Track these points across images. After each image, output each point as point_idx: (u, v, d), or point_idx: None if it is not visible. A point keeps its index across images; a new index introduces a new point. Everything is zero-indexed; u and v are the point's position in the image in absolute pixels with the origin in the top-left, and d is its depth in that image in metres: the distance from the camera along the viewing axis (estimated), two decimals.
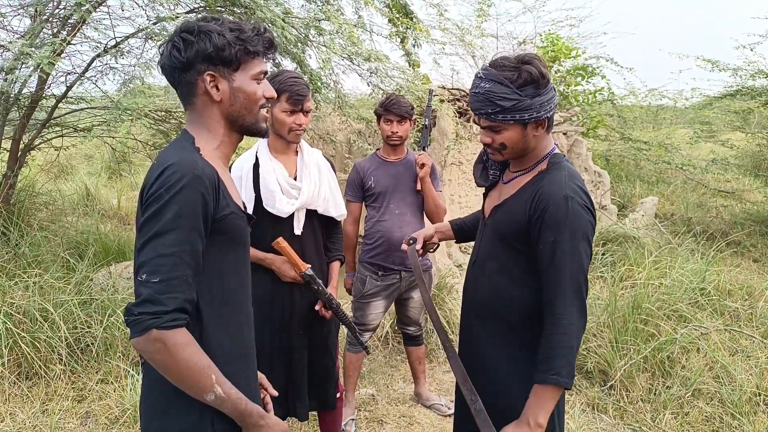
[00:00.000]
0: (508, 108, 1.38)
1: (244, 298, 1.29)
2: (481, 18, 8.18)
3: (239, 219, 1.24)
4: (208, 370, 1.10)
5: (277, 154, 2.06)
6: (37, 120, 4.47)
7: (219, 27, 1.18)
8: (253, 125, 1.26)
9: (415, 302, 2.85)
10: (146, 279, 1.05)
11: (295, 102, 1.95)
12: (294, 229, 2.05)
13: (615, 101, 8.64)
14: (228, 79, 1.20)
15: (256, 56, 1.23)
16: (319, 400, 2.20)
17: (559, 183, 1.40)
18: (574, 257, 1.36)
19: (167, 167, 1.10)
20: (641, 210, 6.51)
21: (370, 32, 4.60)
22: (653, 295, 3.62)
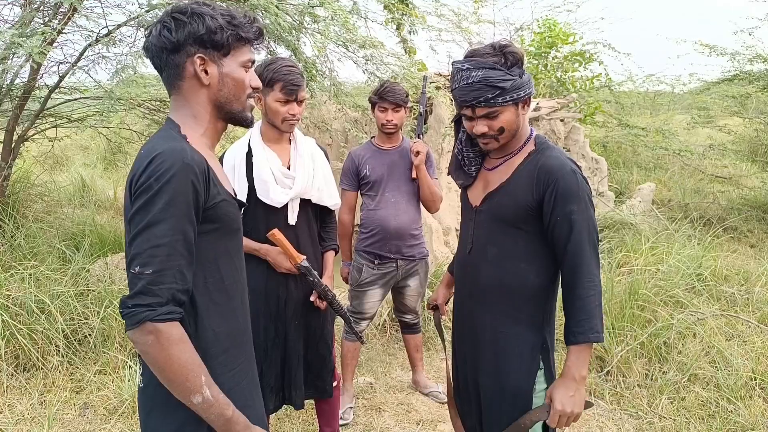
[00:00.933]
0: (508, 89, 1.43)
1: (239, 285, 1.28)
2: (478, 4, 8.12)
3: (231, 206, 1.22)
4: (199, 369, 1.08)
5: (270, 144, 2.03)
6: (30, 110, 4.43)
7: (212, 11, 1.17)
8: (240, 113, 1.25)
9: (412, 290, 2.85)
10: (139, 271, 1.04)
11: (289, 92, 1.93)
12: (288, 218, 2.03)
13: (612, 87, 8.62)
14: (217, 64, 1.19)
15: (246, 43, 1.22)
16: (316, 388, 2.20)
17: (560, 158, 1.48)
18: (589, 223, 1.45)
19: (155, 156, 1.08)
20: (638, 196, 6.51)
21: (366, 19, 4.56)
22: (650, 281, 3.63)
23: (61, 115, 4.75)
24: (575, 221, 1.43)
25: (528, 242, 1.51)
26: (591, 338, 1.42)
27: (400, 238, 2.70)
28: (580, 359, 1.44)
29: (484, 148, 1.55)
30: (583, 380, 1.45)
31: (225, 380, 1.19)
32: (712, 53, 6.87)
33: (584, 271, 1.43)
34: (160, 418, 1.18)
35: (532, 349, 1.54)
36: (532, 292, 1.53)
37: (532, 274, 1.52)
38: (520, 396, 1.54)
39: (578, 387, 1.44)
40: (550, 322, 1.58)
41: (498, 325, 1.57)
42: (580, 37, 8.18)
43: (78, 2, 3.15)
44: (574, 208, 1.43)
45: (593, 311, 1.43)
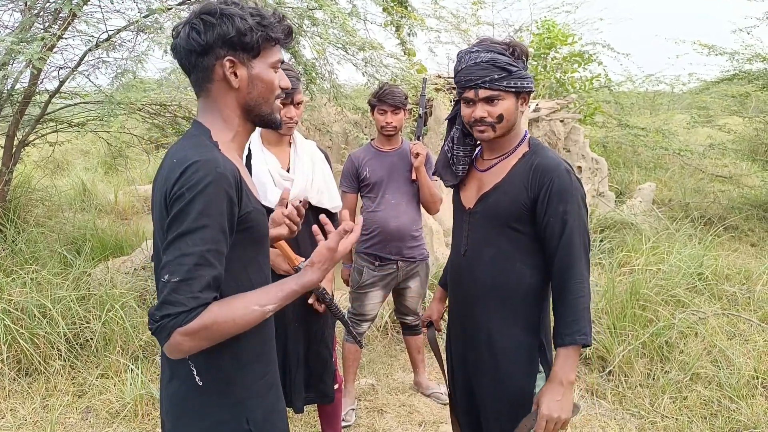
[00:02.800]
0: (514, 73, 1.45)
1: None
2: (477, 6, 8.14)
3: (260, 214, 1.22)
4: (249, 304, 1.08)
5: (269, 146, 2.04)
6: (30, 115, 4.45)
7: (241, 11, 1.13)
8: (269, 115, 1.22)
9: (413, 292, 2.85)
10: (168, 279, 1.03)
11: (285, 95, 1.93)
12: None
13: (612, 87, 8.62)
14: (247, 66, 1.16)
15: (276, 44, 1.19)
16: (317, 392, 2.20)
17: (555, 158, 1.49)
18: (581, 223, 1.45)
19: (189, 165, 1.06)
20: (639, 196, 6.51)
21: (365, 21, 4.57)
22: (651, 281, 3.62)
23: (62, 119, 4.76)
24: (567, 221, 1.44)
25: (523, 242, 1.52)
26: (578, 340, 1.41)
27: (400, 240, 2.70)
28: (567, 363, 1.42)
29: (479, 137, 1.53)
30: (571, 385, 1.43)
31: (258, 387, 1.20)
32: (711, 53, 6.88)
33: (574, 271, 1.43)
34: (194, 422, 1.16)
35: (530, 350, 1.54)
36: (528, 293, 1.54)
37: (528, 275, 1.53)
38: (522, 398, 1.53)
39: (565, 391, 1.41)
40: (545, 323, 1.58)
41: (495, 326, 1.56)
42: (579, 37, 8.19)
43: (77, 8, 3.17)
44: (567, 208, 1.44)
45: (581, 313, 1.42)
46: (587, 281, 1.44)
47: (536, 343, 1.54)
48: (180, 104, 4.92)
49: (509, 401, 1.55)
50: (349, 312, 2.85)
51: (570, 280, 1.43)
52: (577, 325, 1.41)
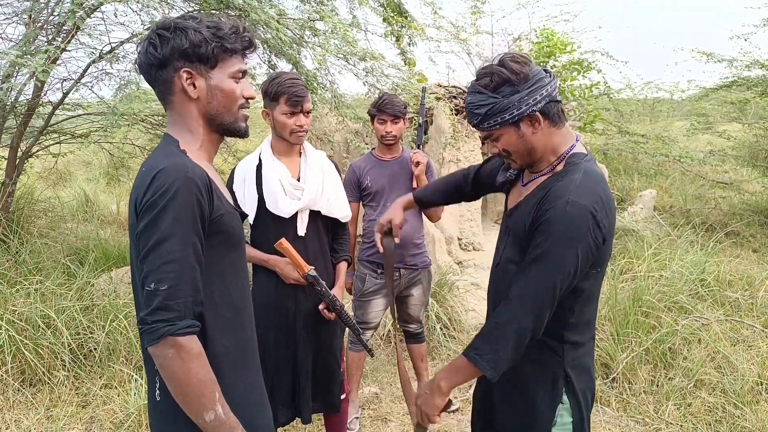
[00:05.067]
0: (486, 114, 1.35)
1: (244, 298, 1.29)
2: (476, 15, 8.20)
3: (233, 217, 1.24)
4: (213, 386, 1.10)
5: (280, 156, 2.06)
6: (34, 127, 4.48)
7: (196, 24, 1.17)
8: (232, 125, 1.24)
9: (415, 300, 2.86)
10: (155, 288, 1.05)
11: (294, 103, 1.95)
12: (297, 230, 2.04)
13: (611, 95, 8.66)
14: (205, 77, 1.18)
15: (234, 54, 1.21)
16: (324, 402, 2.19)
17: (566, 187, 1.30)
18: (554, 261, 1.26)
19: (158, 173, 1.09)
20: (640, 203, 6.52)
21: (365, 32, 4.62)
22: (654, 288, 3.63)
23: (65, 131, 4.80)
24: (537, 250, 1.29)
25: None
26: (468, 355, 1.33)
27: (402, 248, 2.71)
28: (451, 370, 1.39)
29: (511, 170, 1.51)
30: (441, 390, 1.39)
31: (235, 394, 1.19)
32: (709, 60, 6.92)
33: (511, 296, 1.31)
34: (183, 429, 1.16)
35: (554, 378, 1.41)
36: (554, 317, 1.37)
37: None
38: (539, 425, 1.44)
39: (434, 392, 1.40)
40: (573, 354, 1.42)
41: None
42: (578, 46, 8.23)
43: (81, 20, 3.20)
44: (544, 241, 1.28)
45: (489, 336, 1.32)
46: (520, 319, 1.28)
47: (560, 372, 1.40)
48: None
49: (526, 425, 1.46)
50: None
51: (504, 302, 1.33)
52: (478, 342, 1.34)
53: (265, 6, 3.60)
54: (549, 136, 1.38)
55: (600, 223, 1.27)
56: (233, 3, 3.39)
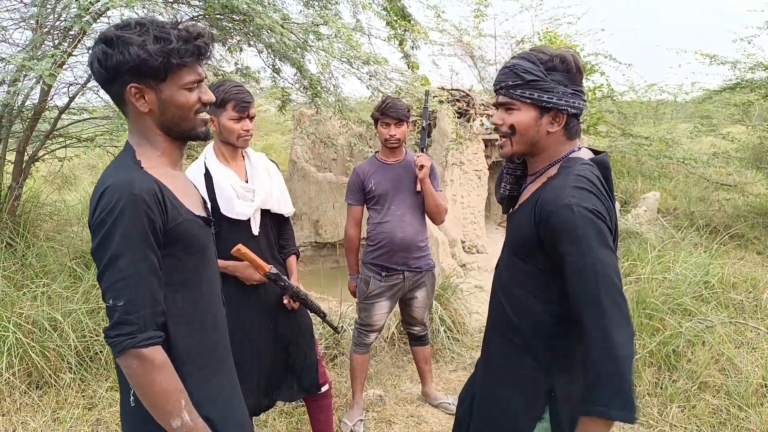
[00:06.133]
0: (529, 81, 1.30)
1: (212, 302, 1.30)
2: (479, 18, 8.22)
3: (194, 225, 1.24)
4: (179, 394, 1.14)
5: (226, 161, 2.11)
6: (40, 131, 4.51)
7: (140, 36, 1.12)
8: (191, 131, 1.24)
9: (419, 302, 2.87)
10: (113, 304, 1.09)
11: (242, 109, 2.02)
12: (252, 230, 2.11)
13: (615, 97, 8.66)
14: (155, 90, 1.17)
15: (185, 66, 1.18)
16: (302, 385, 2.26)
17: (560, 189, 1.25)
18: (597, 268, 1.18)
19: (105, 190, 1.12)
20: (644, 205, 6.52)
21: (369, 36, 4.64)
22: (657, 290, 3.63)
23: (71, 135, 4.83)
24: (570, 264, 1.21)
25: (535, 275, 1.34)
26: (595, 411, 1.15)
27: (406, 250, 2.73)
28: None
29: (500, 152, 1.45)
30: None
31: (200, 396, 1.22)
32: (712, 62, 6.92)
33: (590, 324, 1.18)
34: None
35: (536, 390, 1.35)
36: (542, 329, 1.35)
37: (540, 310, 1.35)
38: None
39: None
40: (565, 369, 1.35)
41: (504, 351, 1.45)
42: (581, 48, 8.24)
43: (87, 25, 3.23)
44: (569, 249, 1.21)
45: (601, 379, 1.15)
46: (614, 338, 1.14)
47: (546, 386, 1.34)
48: None
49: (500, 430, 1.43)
50: (356, 322, 2.87)
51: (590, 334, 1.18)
52: (595, 393, 1.16)
53: (269, 11, 3.63)
54: (558, 143, 1.36)
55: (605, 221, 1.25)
56: (238, 8, 3.42)
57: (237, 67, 4.28)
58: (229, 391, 1.34)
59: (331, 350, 3.48)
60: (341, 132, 6.42)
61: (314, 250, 6.91)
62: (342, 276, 3.59)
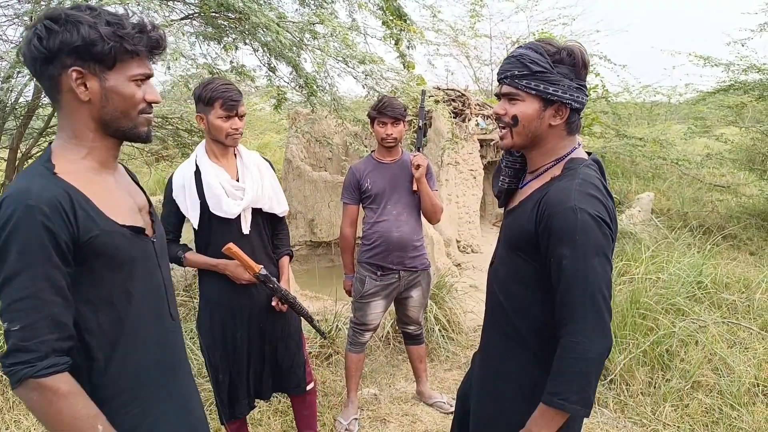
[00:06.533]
0: (536, 72, 1.28)
1: (147, 319, 1.18)
2: (475, 19, 8.24)
3: (117, 237, 1.10)
4: (94, 419, 1.02)
5: (216, 160, 2.10)
6: (33, 129, 4.49)
7: (92, 18, 1.03)
8: (131, 130, 1.13)
9: (415, 301, 2.87)
10: (8, 327, 0.98)
11: (230, 107, 2.00)
12: (242, 229, 2.10)
13: (609, 98, 8.70)
14: (99, 78, 1.06)
15: (137, 56, 1.09)
16: (289, 383, 2.27)
17: (567, 191, 1.25)
18: (588, 275, 1.20)
19: (2, 201, 1.01)
20: (638, 206, 6.55)
21: (365, 35, 4.63)
22: (651, 290, 3.65)
23: None
24: (566, 268, 1.22)
25: (533, 273, 1.34)
26: (554, 403, 1.22)
27: (402, 250, 2.73)
28: (541, 422, 1.26)
29: (499, 143, 1.44)
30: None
31: (122, 421, 1.11)
32: (706, 64, 6.96)
33: (571, 329, 1.22)
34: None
35: (534, 386, 1.35)
36: (539, 326, 1.36)
37: (538, 307, 1.35)
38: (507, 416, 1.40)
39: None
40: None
41: (501, 348, 1.46)
42: None
43: None
44: (565, 252, 1.22)
45: (569, 376, 1.21)
46: (590, 344, 1.20)
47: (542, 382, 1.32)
48: (182, 117, 4.97)
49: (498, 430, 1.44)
50: (351, 321, 2.87)
51: (565, 336, 1.23)
52: (559, 386, 1.22)
53: (264, 9, 3.62)
54: (559, 137, 1.35)
55: (609, 228, 1.26)
56: (233, 6, 3.41)
57: (232, 65, 4.27)
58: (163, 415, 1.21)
59: (326, 349, 3.48)
60: (337, 131, 6.42)
61: (309, 249, 6.90)
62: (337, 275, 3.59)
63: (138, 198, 1.25)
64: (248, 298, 2.14)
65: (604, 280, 1.22)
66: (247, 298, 2.14)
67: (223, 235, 2.04)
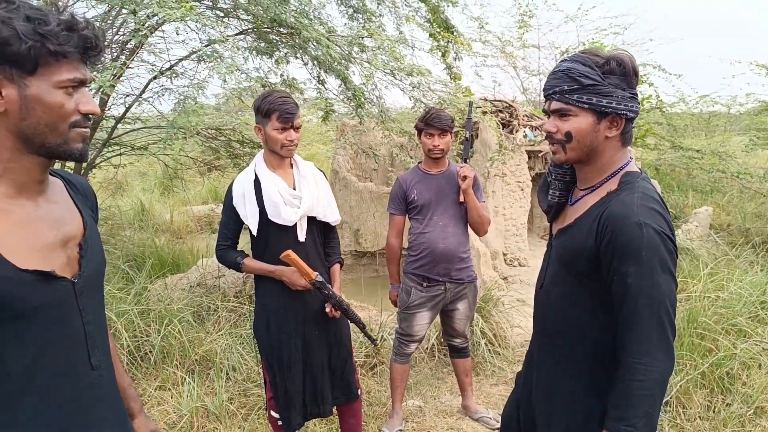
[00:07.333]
0: (587, 86, 1.25)
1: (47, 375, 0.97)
2: (523, 29, 8.17)
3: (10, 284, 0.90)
4: None
5: (274, 169, 2.17)
6: (97, 140, 4.74)
7: (6, 12, 0.87)
8: (60, 147, 0.95)
9: (461, 314, 2.85)
10: None
11: (285, 119, 2.06)
12: (298, 236, 2.16)
13: (664, 109, 8.41)
14: (18, 84, 0.89)
15: (64, 58, 0.91)
16: (342, 391, 2.32)
17: (630, 206, 1.21)
18: (653, 293, 1.17)
19: None
20: (695, 221, 6.28)
21: (412, 47, 4.67)
22: (710, 309, 3.48)
23: (126, 143, 5.05)
24: (631, 286, 1.18)
25: (591, 293, 1.30)
26: (621, 430, 1.18)
27: (448, 261, 2.72)
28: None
29: (552, 158, 1.41)
30: None
31: None
32: None
33: (633, 350, 1.18)
34: None
35: (589, 414, 1.31)
36: (597, 350, 1.31)
37: (594, 329, 1.31)
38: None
39: None
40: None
41: (554, 372, 1.41)
42: None
43: (144, 38, 3.39)
44: (630, 270, 1.18)
45: (634, 399, 1.17)
46: (655, 362, 1.17)
47: (598, 408, 1.29)
48: (234, 128, 5.14)
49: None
50: (397, 332, 2.87)
51: (629, 357, 1.19)
52: (624, 411, 1.18)
53: (315, 24, 3.72)
54: (614, 149, 1.31)
55: (673, 243, 1.23)
56: (285, 21, 3.52)
57: (283, 78, 4.39)
58: None
59: (371, 359, 3.49)
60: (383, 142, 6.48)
61: (354, 259, 6.95)
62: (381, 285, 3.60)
63: (67, 228, 1.04)
64: (303, 304, 2.19)
65: (669, 298, 1.19)
66: (302, 304, 2.19)
67: (280, 242, 2.11)
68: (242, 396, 3.03)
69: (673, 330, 1.20)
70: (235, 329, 3.50)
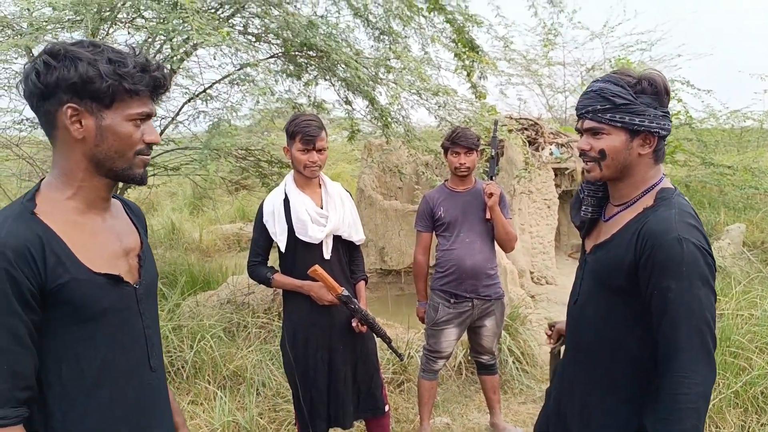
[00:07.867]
0: (619, 105, 1.29)
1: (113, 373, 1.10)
2: (548, 47, 8.20)
3: (89, 285, 1.05)
4: None
5: (302, 189, 2.26)
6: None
7: (92, 55, 1.01)
8: (125, 171, 1.09)
9: (488, 330, 2.86)
10: None
11: (307, 141, 2.15)
12: (324, 253, 2.24)
13: (693, 125, 8.30)
14: (96, 116, 1.04)
15: (136, 95, 1.06)
16: (368, 406, 2.35)
17: (668, 221, 1.23)
18: (693, 306, 1.19)
19: None
20: (727, 238, 6.15)
21: (438, 68, 4.75)
22: (743, 327, 3.41)
23: (159, 164, 5.22)
24: (671, 301, 1.19)
25: (629, 308, 1.31)
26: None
27: (475, 278, 2.74)
28: None
29: (587, 176, 1.43)
30: None
31: None
32: None
33: (677, 364, 1.19)
34: None
35: (627, 430, 1.32)
36: (634, 366, 1.32)
37: (633, 346, 1.32)
38: None
39: None
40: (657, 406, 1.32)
41: (590, 389, 1.41)
42: None
43: (179, 62, 3.54)
44: (671, 285, 1.19)
45: (682, 414, 1.17)
46: (698, 375, 1.17)
47: (634, 424, 1.30)
48: (263, 149, 5.28)
49: None
50: (424, 349, 2.90)
51: (669, 372, 1.20)
52: (671, 425, 1.18)
53: (342, 46, 3.83)
54: (647, 166, 1.35)
55: (712, 257, 1.25)
56: (315, 45, 3.63)
57: (310, 99, 4.51)
58: None
59: (398, 376, 3.50)
60: (409, 161, 6.55)
61: (380, 277, 6.99)
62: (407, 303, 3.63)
63: (128, 240, 1.18)
64: (329, 319, 2.25)
65: (710, 311, 1.21)
66: (329, 319, 2.25)
67: (306, 259, 2.19)
68: (272, 411, 3.08)
69: (714, 342, 1.21)
70: (264, 345, 3.57)
